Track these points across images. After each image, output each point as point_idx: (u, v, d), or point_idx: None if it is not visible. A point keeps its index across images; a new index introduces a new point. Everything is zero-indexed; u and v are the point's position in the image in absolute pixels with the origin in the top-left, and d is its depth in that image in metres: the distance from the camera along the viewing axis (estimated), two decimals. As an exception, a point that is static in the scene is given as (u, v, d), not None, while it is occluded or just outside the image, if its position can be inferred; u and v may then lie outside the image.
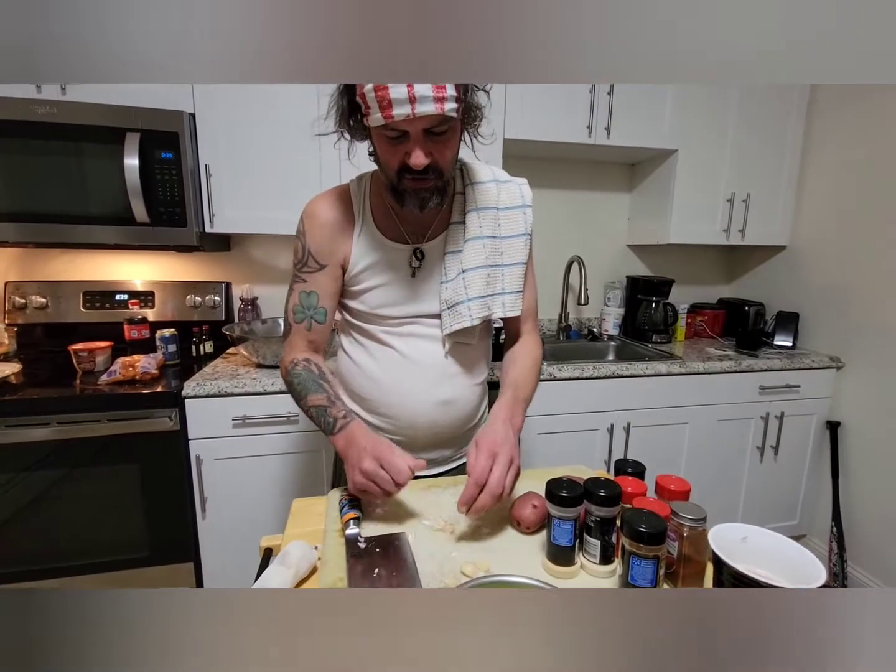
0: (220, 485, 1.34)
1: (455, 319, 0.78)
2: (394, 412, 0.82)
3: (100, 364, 1.40)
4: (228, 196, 1.48)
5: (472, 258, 0.78)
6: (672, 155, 1.82)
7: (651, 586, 0.51)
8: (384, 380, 0.82)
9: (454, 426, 0.85)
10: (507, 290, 0.82)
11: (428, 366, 0.81)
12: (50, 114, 1.29)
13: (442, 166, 0.68)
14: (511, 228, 0.82)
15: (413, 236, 0.79)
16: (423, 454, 0.84)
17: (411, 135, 0.63)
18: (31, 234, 1.36)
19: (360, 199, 0.80)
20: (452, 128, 0.65)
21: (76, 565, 1.29)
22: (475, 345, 0.84)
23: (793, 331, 1.90)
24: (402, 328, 0.81)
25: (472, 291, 0.78)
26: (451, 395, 0.82)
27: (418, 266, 0.79)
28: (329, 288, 0.81)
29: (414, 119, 0.60)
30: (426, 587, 0.55)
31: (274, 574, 0.55)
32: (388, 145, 0.66)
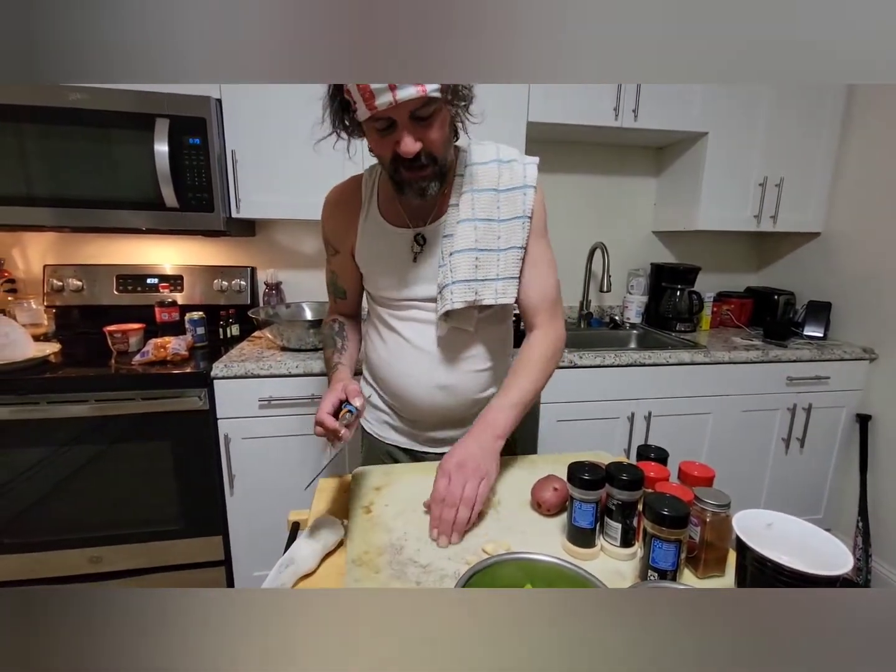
0: (247, 463, 1.39)
1: (442, 303, 0.77)
2: (399, 393, 0.86)
3: (133, 345, 1.46)
4: (254, 182, 1.50)
5: (461, 241, 0.76)
6: (702, 138, 1.76)
7: (672, 569, 0.52)
8: (390, 361, 0.85)
9: (458, 408, 0.85)
10: (502, 275, 0.78)
11: (424, 350, 0.81)
12: (82, 100, 1.33)
13: (434, 150, 0.67)
14: (509, 211, 0.78)
15: (415, 221, 0.79)
16: (432, 433, 0.89)
17: (398, 122, 0.63)
18: (67, 218, 1.40)
19: (369, 187, 0.82)
20: (438, 110, 0.64)
21: (113, 535, 1.36)
22: (473, 332, 0.81)
23: (824, 321, 1.84)
24: (403, 312, 0.82)
25: (457, 275, 0.75)
26: (449, 380, 0.82)
27: (419, 251, 0.79)
28: (345, 271, 0.88)
29: (397, 105, 0.59)
30: (448, 563, 0.56)
31: (303, 545, 0.57)
32: (379, 137, 0.66)
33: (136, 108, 1.35)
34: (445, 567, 0.56)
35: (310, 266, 1.87)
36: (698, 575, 0.56)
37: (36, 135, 1.33)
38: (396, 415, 0.91)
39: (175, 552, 1.40)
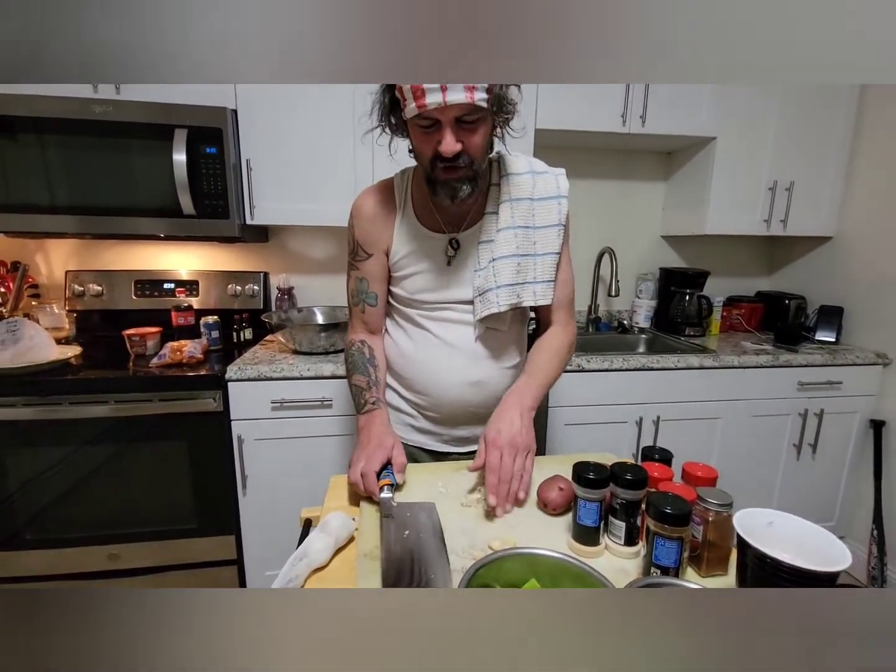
0: (259, 464, 1.42)
1: (485, 306, 0.82)
2: (428, 391, 0.88)
3: (150, 348, 1.50)
4: (267, 189, 1.54)
5: (503, 247, 0.81)
6: (710, 142, 1.76)
7: (674, 567, 0.53)
8: (420, 360, 0.88)
9: (486, 405, 0.88)
10: (539, 279, 0.84)
11: (460, 349, 0.85)
12: (106, 112, 1.38)
13: (473, 154, 0.70)
14: (545, 219, 0.83)
15: (449, 226, 0.83)
16: (457, 430, 0.92)
17: (443, 123, 0.66)
18: (88, 225, 1.45)
19: (402, 191, 0.85)
20: (482, 118, 0.68)
21: (129, 533, 1.39)
22: (506, 331, 0.87)
23: (836, 325, 1.83)
24: (437, 313, 0.86)
25: (502, 279, 0.81)
26: (482, 376, 0.86)
27: (453, 255, 0.83)
28: (377, 273, 0.88)
29: (445, 107, 0.63)
30: (455, 559, 0.58)
31: (316, 540, 0.59)
32: (422, 135, 0.69)
33: (155, 119, 1.39)
34: (454, 561, 0.58)
35: (321, 271, 1.91)
36: (701, 573, 0.57)
37: (60, 146, 1.38)
38: (421, 415, 0.92)
39: (190, 550, 1.43)
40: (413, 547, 0.58)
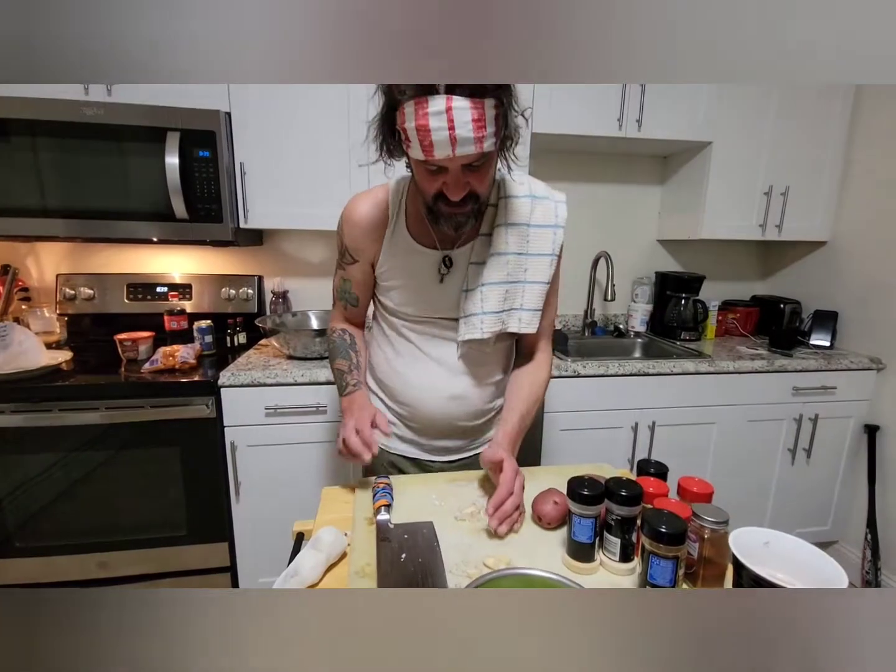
0: (253, 470, 1.40)
1: (468, 329, 0.81)
2: (410, 401, 0.88)
3: (142, 353, 1.48)
4: (261, 193, 1.53)
5: (493, 273, 0.80)
6: (706, 147, 1.76)
7: (670, 586, 0.52)
8: (403, 372, 0.88)
9: (467, 418, 0.89)
10: (526, 306, 0.83)
11: (442, 363, 0.85)
12: (97, 115, 1.36)
13: (479, 193, 0.70)
14: (539, 247, 0.82)
15: (443, 243, 0.81)
16: (439, 441, 0.91)
17: (450, 170, 0.65)
18: (79, 229, 1.44)
19: (396, 201, 0.82)
20: (489, 158, 0.67)
21: (120, 541, 1.37)
22: (492, 349, 0.86)
23: (831, 330, 1.83)
24: (421, 326, 0.85)
25: (488, 306, 0.80)
26: (462, 391, 0.86)
27: (447, 273, 0.82)
28: (361, 279, 0.88)
29: (454, 159, 0.62)
30: (449, 577, 0.57)
31: (307, 557, 0.59)
32: (427, 175, 0.68)
33: (147, 121, 1.38)
34: (448, 579, 0.57)
35: (316, 275, 1.90)
36: (697, 591, 0.57)
37: (51, 148, 1.37)
38: (403, 424, 0.92)
39: (182, 558, 1.41)
40: (410, 571, 0.57)
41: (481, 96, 0.59)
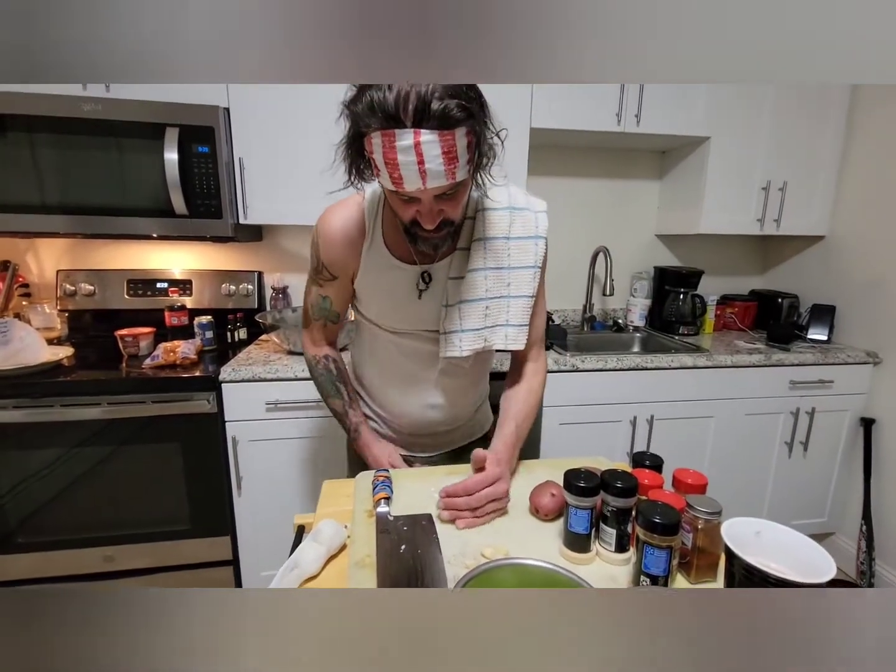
0: (254, 465, 1.42)
1: (448, 347, 0.79)
2: (391, 407, 0.90)
3: (143, 349, 1.49)
4: (260, 188, 1.53)
5: (471, 290, 0.78)
6: (705, 142, 1.76)
7: (664, 575, 0.53)
8: (385, 378, 0.89)
9: (446, 423, 0.90)
10: (512, 322, 0.80)
11: (421, 375, 0.85)
12: (95, 111, 1.36)
13: (453, 219, 0.68)
14: (520, 260, 0.79)
15: (421, 256, 0.78)
16: (418, 439, 0.93)
17: (423, 200, 0.63)
18: (79, 225, 1.44)
19: (372, 214, 0.79)
20: (463, 184, 0.64)
21: (125, 534, 1.39)
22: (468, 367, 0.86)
23: (828, 324, 1.84)
24: (401, 338, 0.83)
25: (467, 323, 0.78)
26: (441, 401, 0.87)
27: (425, 289, 0.79)
28: (341, 295, 0.86)
29: (425, 191, 0.60)
30: (448, 567, 0.58)
31: (308, 549, 0.60)
32: (400, 202, 0.66)
33: (146, 117, 1.38)
34: (446, 570, 0.58)
35: (316, 270, 1.90)
36: (691, 580, 0.58)
37: (50, 144, 1.37)
38: (385, 423, 0.93)
39: (185, 552, 1.43)
40: (409, 562, 0.58)
41: (450, 128, 0.55)
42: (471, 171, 0.63)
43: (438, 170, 0.57)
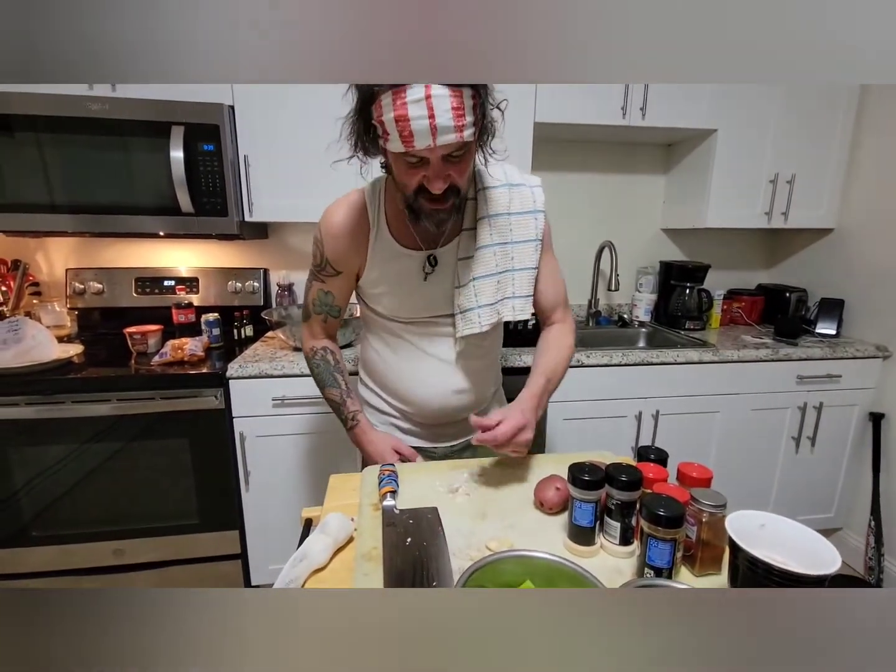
0: (261, 460, 1.43)
1: (466, 325, 0.82)
2: (414, 400, 0.90)
3: (151, 346, 1.51)
4: (266, 186, 1.54)
5: (482, 266, 0.81)
6: (711, 135, 1.75)
7: (668, 567, 0.54)
8: (404, 371, 0.89)
9: (468, 409, 0.91)
10: (518, 293, 0.84)
11: (443, 359, 0.87)
12: (102, 110, 1.37)
13: (459, 186, 0.69)
14: (522, 234, 0.83)
15: (426, 242, 0.81)
16: (438, 430, 0.94)
17: (431, 161, 0.65)
18: (87, 224, 1.45)
19: (374, 206, 0.81)
20: (469, 149, 0.67)
21: (134, 529, 1.41)
22: (485, 342, 0.89)
23: (837, 318, 1.82)
24: (418, 327, 0.86)
25: (483, 299, 0.81)
26: (465, 384, 0.89)
27: (431, 272, 0.82)
28: (344, 290, 0.89)
29: (435, 148, 0.62)
30: (453, 560, 0.59)
31: (315, 541, 0.60)
32: (407, 169, 0.67)
33: (152, 116, 1.39)
34: (451, 562, 0.59)
35: (321, 267, 1.91)
36: (695, 573, 0.58)
37: (58, 144, 1.38)
38: (406, 418, 0.94)
39: (194, 546, 1.45)
40: (415, 555, 0.59)
41: (458, 86, 0.58)
42: (476, 134, 0.65)
43: (448, 125, 0.59)
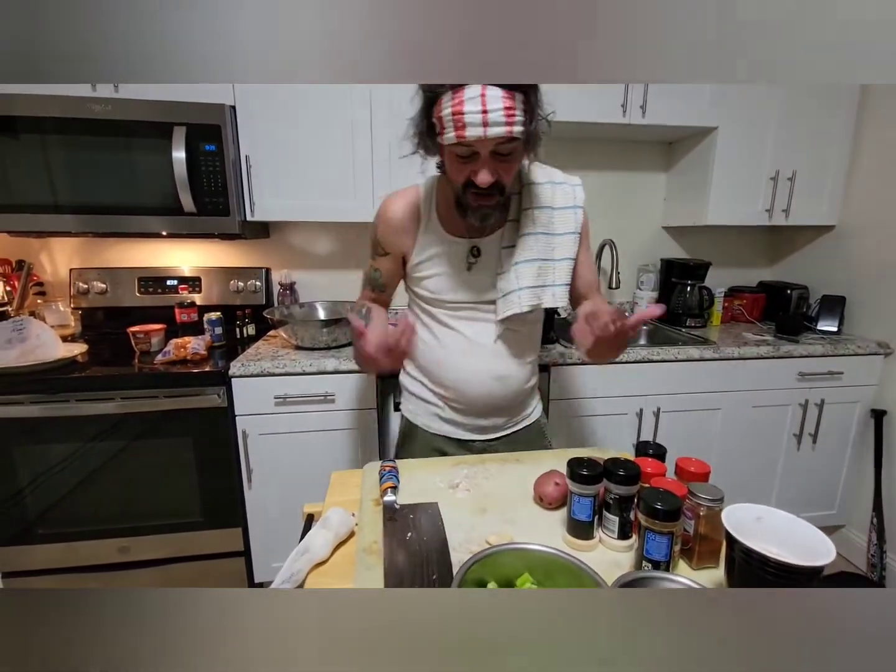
0: (264, 458, 1.44)
1: (507, 306, 0.87)
2: (455, 384, 0.93)
3: (155, 345, 1.52)
4: (267, 185, 1.54)
5: (525, 252, 0.87)
6: (712, 132, 1.75)
7: (665, 560, 0.54)
8: (446, 356, 0.93)
9: (507, 398, 0.95)
10: (558, 282, 0.89)
11: (483, 345, 0.91)
12: (105, 111, 1.38)
13: (505, 184, 0.75)
14: (563, 227, 0.89)
15: (472, 232, 0.87)
16: (480, 420, 0.97)
17: (480, 155, 0.70)
18: (91, 224, 1.46)
19: (427, 198, 0.90)
20: (516, 149, 0.72)
21: (139, 526, 1.42)
22: (524, 329, 0.93)
23: (838, 315, 1.82)
24: (460, 312, 0.91)
25: (524, 282, 0.86)
26: (505, 371, 0.92)
27: (474, 262, 0.88)
28: (390, 269, 0.97)
29: (485, 140, 0.67)
30: (453, 554, 0.60)
31: (317, 535, 0.61)
32: (458, 163, 0.74)
33: (154, 117, 1.40)
34: (451, 556, 0.59)
35: (323, 266, 1.92)
36: (693, 566, 0.59)
37: (61, 145, 1.39)
38: (448, 406, 0.98)
39: (197, 543, 1.46)
40: (415, 549, 0.59)
41: (512, 88, 0.65)
42: (524, 135, 0.70)
43: (499, 119, 0.65)
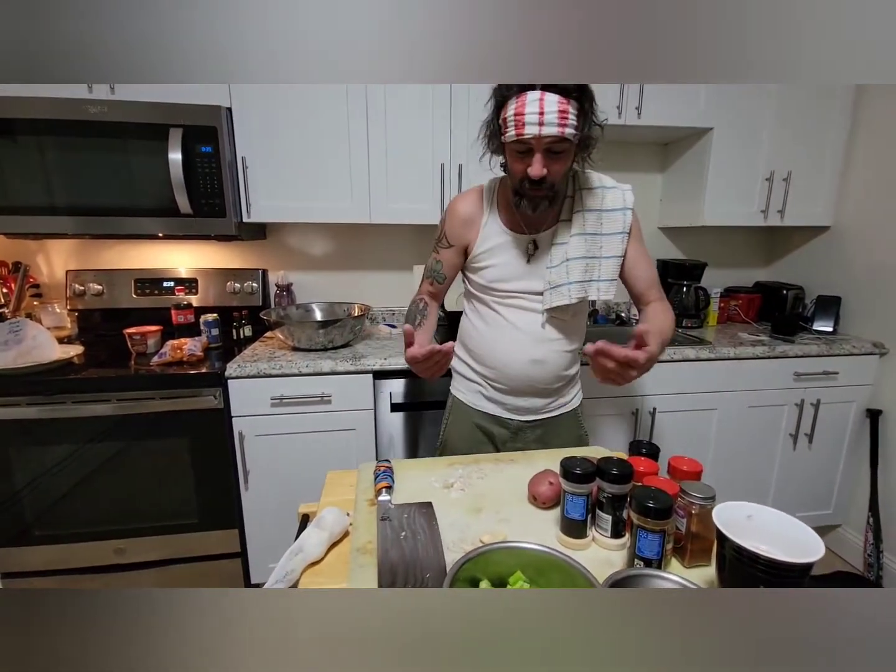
0: (260, 459, 1.44)
1: (556, 297, 0.96)
2: (496, 365, 1.03)
3: (151, 346, 1.52)
4: (264, 187, 1.55)
5: (575, 250, 0.95)
6: (707, 133, 1.76)
7: (657, 558, 0.55)
8: (491, 338, 1.03)
9: (545, 381, 1.03)
10: (603, 277, 0.97)
11: (526, 331, 0.99)
12: (101, 112, 1.38)
13: (554, 179, 0.84)
14: (611, 227, 0.96)
15: (529, 228, 0.97)
16: (519, 401, 1.06)
17: (535, 150, 0.80)
18: (87, 226, 1.46)
19: (490, 197, 1.01)
20: (567, 150, 0.82)
21: (135, 528, 1.42)
22: (568, 320, 1.01)
23: (834, 315, 1.83)
24: (509, 300, 1.00)
25: (573, 276, 0.95)
26: (543, 356, 1.00)
27: (533, 254, 0.98)
28: (452, 261, 1.05)
29: (540, 137, 0.78)
30: (447, 553, 0.60)
31: (311, 535, 0.61)
32: (516, 158, 0.84)
33: (150, 118, 1.40)
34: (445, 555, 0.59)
35: (319, 268, 1.92)
36: (685, 564, 0.59)
37: (57, 147, 1.39)
38: (490, 385, 1.06)
39: (194, 544, 1.46)
40: (409, 548, 0.60)
41: (567, 95, 0.76)
42: (576, 137, 0.80)
43: (553, 120, 0.76)
